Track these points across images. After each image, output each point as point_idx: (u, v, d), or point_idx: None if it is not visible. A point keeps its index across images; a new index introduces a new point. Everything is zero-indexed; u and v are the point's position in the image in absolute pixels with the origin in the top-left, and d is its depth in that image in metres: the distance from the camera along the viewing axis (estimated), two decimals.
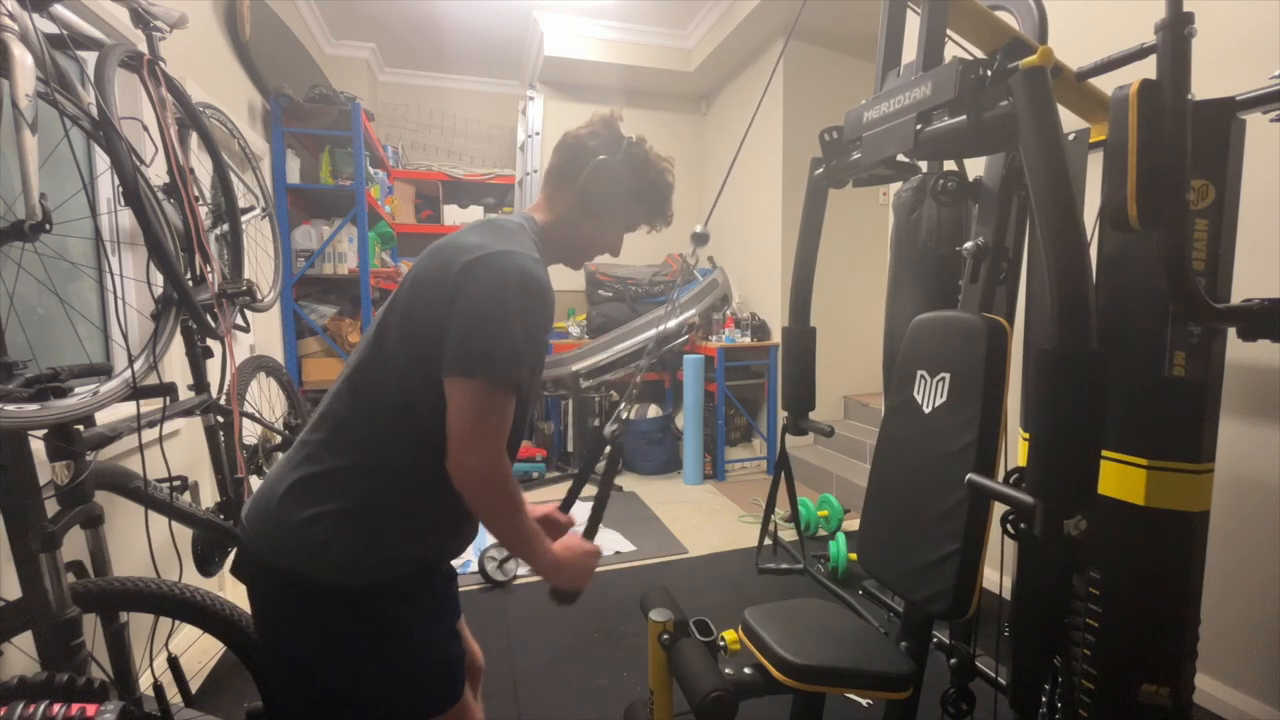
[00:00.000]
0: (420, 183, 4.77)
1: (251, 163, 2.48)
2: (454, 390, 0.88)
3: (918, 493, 1.20)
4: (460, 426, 0.88)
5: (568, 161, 1.08)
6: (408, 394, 0.92)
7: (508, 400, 0.90)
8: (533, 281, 0.90)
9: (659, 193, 1.12)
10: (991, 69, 0.99)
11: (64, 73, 1.27)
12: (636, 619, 1.49)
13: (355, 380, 0.96)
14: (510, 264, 0.90)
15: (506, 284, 0.89)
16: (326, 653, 0.93)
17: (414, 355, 0.92)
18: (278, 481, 0.94)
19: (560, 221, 1.08)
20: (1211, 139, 1.13)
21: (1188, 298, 1.08)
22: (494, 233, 0.97)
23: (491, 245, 0.91)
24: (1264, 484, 1.65)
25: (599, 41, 4.36)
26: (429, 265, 0.95)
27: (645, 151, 1.10)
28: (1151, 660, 1.22)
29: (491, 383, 0.88)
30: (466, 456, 0.89)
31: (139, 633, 1.43)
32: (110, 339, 1.87)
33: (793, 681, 1.10)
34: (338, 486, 0.92)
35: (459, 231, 1.00)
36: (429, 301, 0.91)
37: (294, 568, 0.90)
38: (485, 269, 0.89)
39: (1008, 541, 0.98)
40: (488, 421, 0.89)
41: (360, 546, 0.90)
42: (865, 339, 4.06)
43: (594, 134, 1.08)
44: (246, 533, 0.95)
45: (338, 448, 0.93)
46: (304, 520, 0.90)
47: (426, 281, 0.93)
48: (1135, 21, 1.79)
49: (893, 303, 1.86)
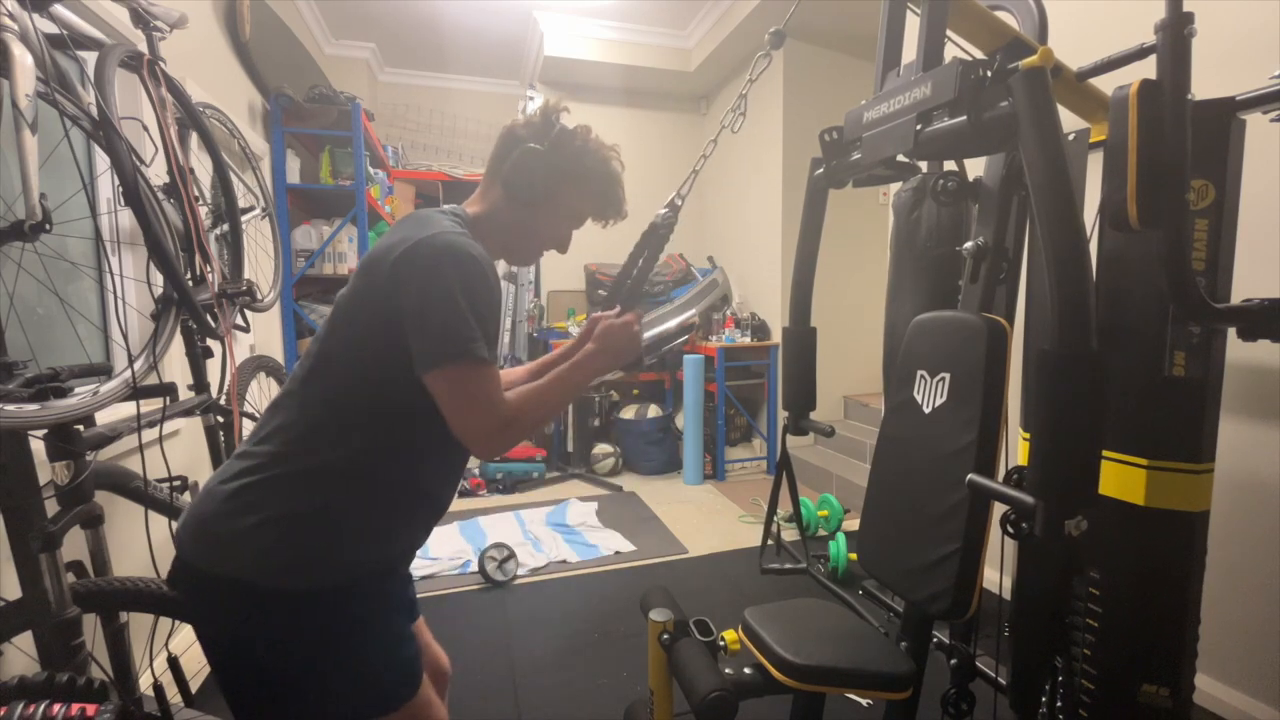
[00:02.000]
0: (420, 183, 4.77)
1: (251, 163, 2.48)
2: (432, 384, 0.90)
3: (918, 493, 1.20)
4: (452, 415, 0.90)
5: (498, 152, 1.07)
6: (353, 396, 0.93)
7: (482, 371, 0.91)
8: (460, 253, 0.90)
9: (599, 180, 1.09)
10: (991, 69, 0.99)
11: (64, 73, 1.27)
12: (636, 619, 1.48)
13: (301, 394, 0.95)
14: (433, 245, 0.90)
15: (437, 264, 0.89)
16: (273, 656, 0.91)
17: (359, 361, 0.93)
18: (216, 491, 0.93)
19: (490, 212, 1.07)
20: (1211, 139, 1.13)
21: (1188, 298, 1.08)
22: (413, 225, 0.97)
23: (412, 235, 0.92)
24: (1264, 484, 1.65)
25: (599, 41, 4.36)
26: (362, 276, 0.95)
27: (583, 139, 1.07)
28: (1151, 660, 1.22)
29: (460, 367, 0.89)
30: (471, 434, 0.91)
31: (139, 633, 1.43)
32: (110, 339, 1.87)
33: (793, 681, 1.10)
34: (283, 493, 0.91)
35: (382, 237, 1.00)
36: (368, 304, 0.93)
37: (238, 574, 0.88)
38: (414, 255, 0.89)
39: (1008, 541, 0.98)
40: (473, 400, 0.90)
41: (305, 550, 0.89)
42: (865, 339, 4.06)
43: (528, 123, 1.07)
44: (185, 545, 0.92)
45: (283, 457, 0.92)
46: (247, 527, 0.88)
47: (363, 288, 0.94)
48: (1135, 21, 1.79)
49: (893, 303, 1.86)
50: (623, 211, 1.13)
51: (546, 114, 1.07)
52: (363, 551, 0.95)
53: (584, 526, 3.25)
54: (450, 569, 2.73)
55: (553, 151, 1.05)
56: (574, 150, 1.06)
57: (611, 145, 1.10)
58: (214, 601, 0.92)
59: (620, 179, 1.11)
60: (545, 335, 4.66)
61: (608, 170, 1.09)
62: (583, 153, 1.07)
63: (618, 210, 1.13)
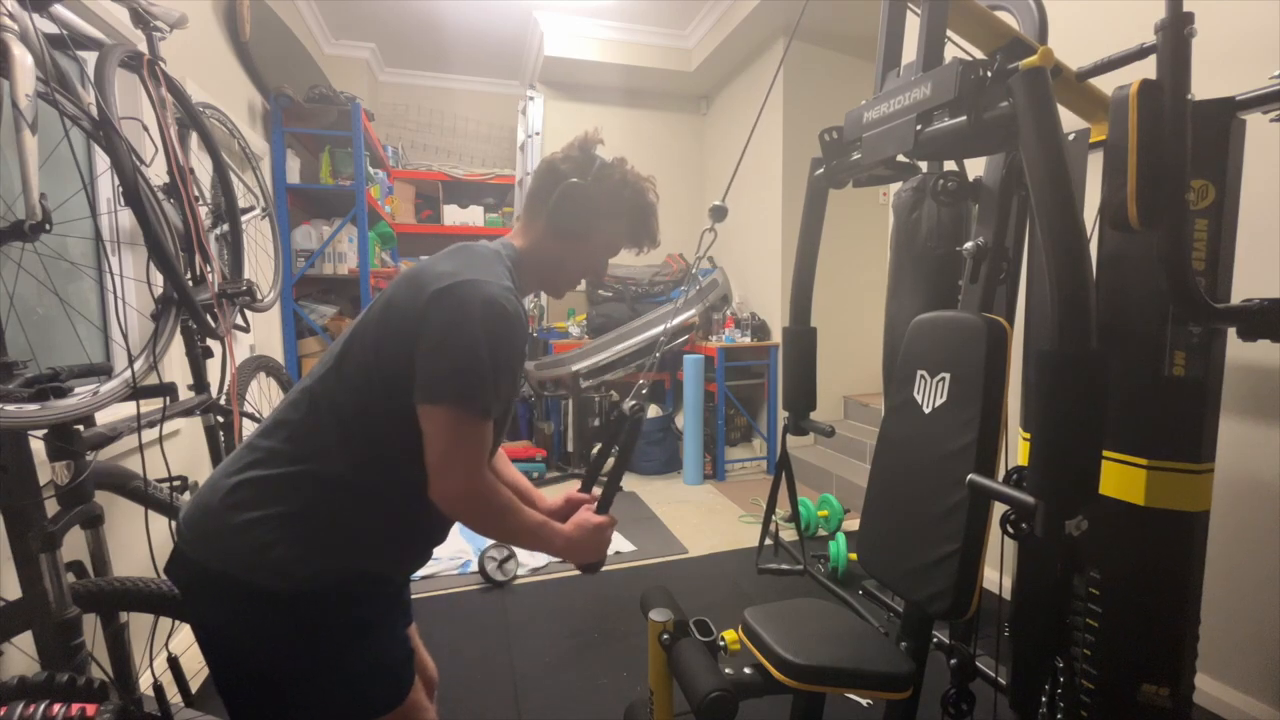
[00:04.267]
0: (420, 183, 4.77)
1: (251, 163, 2.48)
2: (425, 418, 0.89)
3: (918, 493, 1.20)
4: (434, 453, 0.89)
5: (541, 186, 1.08)
6: (366, 413, 0.93)
7: (479, 426, 0.91)
8: (499, 309, 0.90)
9: (638, 212, 1.11)
10: (991, 69, 0.99)
11: (64, 73, 1.27)
12: (636, 619, 1.48)
13: (314, 391, 0.95)
14: (477, 293, 0.90)
15: (471, 313, 0.89)
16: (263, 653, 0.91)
17: (378, 377, 0.92)
18: (219, 483, 0.93)
19: (535, 247, 1.08)
20: (1211, 139, 1.13)
21: (1188, 298, 1.08)
22: (465, 260, 0.97)
23: (461, 274, 0.91)
24: (1264, 484, 1.65)
25: (599, 41, 4.36)
26: (401, 291, 0.94)
27: (621, 172, 1.08)
28: (1151, 660, 1.22)
29: (460, 410, 0.89)
30: (443, 482, 0.90)
31: (139, 633, 1.43)
32: (110, 339, 1.87)
33: (793, 681, 1.10)
34: (284, 492, 0.90)
35: (434, 258, 1.00)
36: (398, 327, 0.92)
37: (231, 570, 0.88)
38: (451, 298, 0.89)
39: (1008, 541, 0.98)
40: (460, 448, 0.90)
41: (301, 551, 0.89)
42: (865, 339, 4.06)
43: (567, 157, 1.07)
44: (184, 536, 0.93)
45: (288, 456, 0.92)
46: (245, 522, 0.88)
47: (398, 307, 0.93)
48: (1135, 21, 1.79)
49: (893, 303, 1.86)
50: (657, 240, 1.15)
51: (585, 147, 1.08)
52: (354, 562, 0.94)
53: None
54: (450, 569, 2.73)
55: (595, 186, 1.06)
56: (614, 184, 1.07)
57: (647, 176, 1.12)
58: (206, 594, 0.92)
59: (656, 209, 1.13)
60: (546, 335, 4.67)
61: (645, 202, 1.11)
62: (622, 185, 1.08)
63: (653, 239, 1.14)
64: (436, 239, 4.83)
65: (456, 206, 4.74)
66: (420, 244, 4.78)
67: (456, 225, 4.71)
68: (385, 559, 1.00)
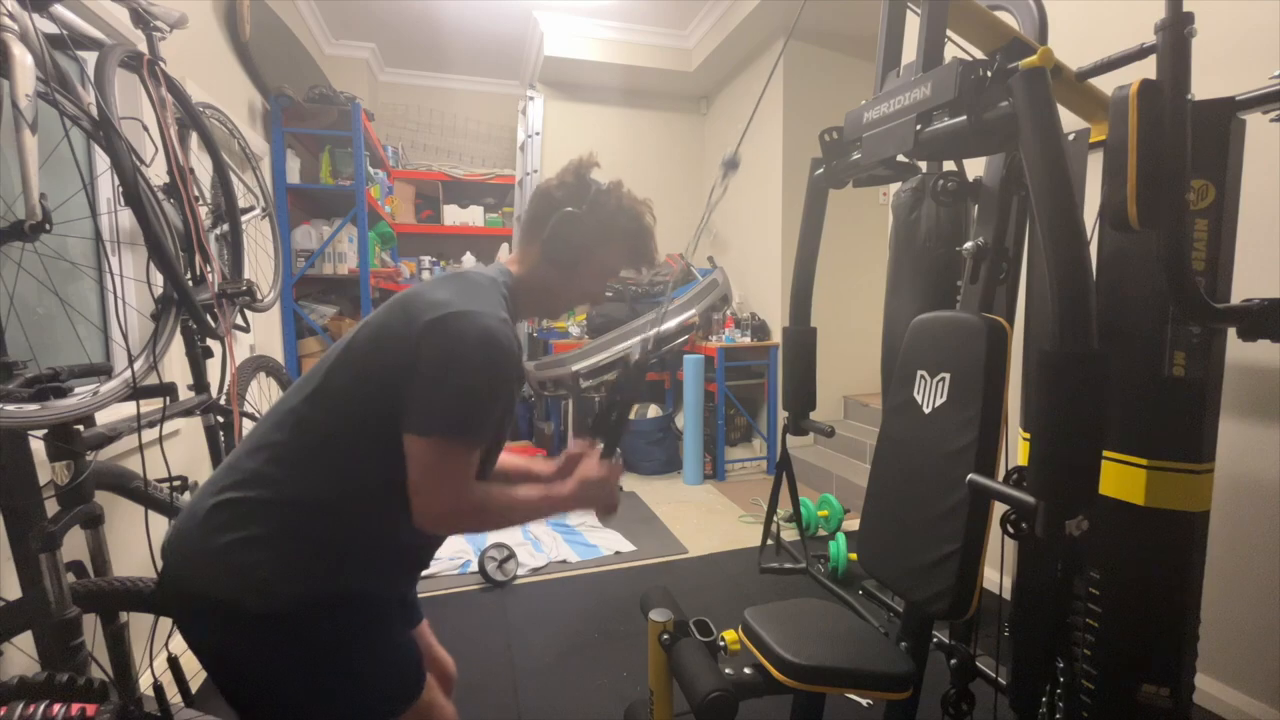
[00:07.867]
0: (420, 183, 4.77)
1: (251, 163, 2.48)
2: (410, 446, 0.89)
3: (918, 493, 1.20)
4: (416, 480, 0.89)
5: (536, 215, 1.07)
6: (352, 439, 0.92)
7: (464, 456, 0.91)
8: (493, 341, 0.90)
9: (634, 238, 1.10)
10: (991, 69, 0.99)
11: (64, 73, 1.27)
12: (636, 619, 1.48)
13: (299, 413, 0.93)
14: (471, 324, 0.89)
15: (466, 344, 0.88)
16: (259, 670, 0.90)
17: (366, 404, 0.91)
18: (198, 507, 0.92)
19: (531, 274, 1.08)
20: (1211, 139, 1.13)
21: (1188, 298, 1.08)
22: (461, 289, 0.96)
23: (455, 304, 0.91)
24: (1264, 484, 1.65)
25: (599, 41, 4.36)
26: (394, 316, 0.94)
27: (616, 197, 1.08)
28: (1151, 660, 1.22)
29: (449, 445, 0.89)
30: (426, 507, 0.90)
31: (139, 633, 1.43)
32: (110, 339, 1.86)
33: (793, 681, 1.10)
34: (267, 516, 0.89)
35: (429, 283, 0.99)
36: (389, 352, 0.91)
37: (215, 593, 0.87)
38: (446, 328, 0.89)
39: (1008, 541, 0.98)
40: (445, 476, 0.90)
41: (285, 572, 0.88)
42: (865, 339, 4.06)
43: (562, 184, 1.07)
44: (168, 561, 0.91)
45: (271, 479, 0.91)
46: (227, 544, 0.87)
47: (389, 332, 0.93)
48: (1135, 21, 1.79)
49: (892, 303, 1.86)
50: (654, 261, 1.14)
51: (580, 172, 1.07)
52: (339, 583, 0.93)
53: (584, 526, 3.24)
54: (450, 569, 2.73)
55: (590, 214, 1.05)
56: (610, 211, 1.07)
57: (643, 199, 1.11)
58: (197, 619, 0.91)
59: (652, 232, 1.12)
60: (546, 335, 4.67)
61: (641, 226, 1.10)
62: (618, 212, 1.08)
63: (650, 262, 1.14)
64: (436, 239, 4.83)
65: (456, 206, 4.74)
66: (420, 244, 4.78)
67: (456, 225, 4.71)
68: (371, 580, 0.99)
